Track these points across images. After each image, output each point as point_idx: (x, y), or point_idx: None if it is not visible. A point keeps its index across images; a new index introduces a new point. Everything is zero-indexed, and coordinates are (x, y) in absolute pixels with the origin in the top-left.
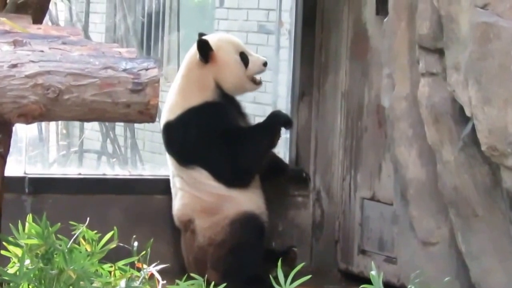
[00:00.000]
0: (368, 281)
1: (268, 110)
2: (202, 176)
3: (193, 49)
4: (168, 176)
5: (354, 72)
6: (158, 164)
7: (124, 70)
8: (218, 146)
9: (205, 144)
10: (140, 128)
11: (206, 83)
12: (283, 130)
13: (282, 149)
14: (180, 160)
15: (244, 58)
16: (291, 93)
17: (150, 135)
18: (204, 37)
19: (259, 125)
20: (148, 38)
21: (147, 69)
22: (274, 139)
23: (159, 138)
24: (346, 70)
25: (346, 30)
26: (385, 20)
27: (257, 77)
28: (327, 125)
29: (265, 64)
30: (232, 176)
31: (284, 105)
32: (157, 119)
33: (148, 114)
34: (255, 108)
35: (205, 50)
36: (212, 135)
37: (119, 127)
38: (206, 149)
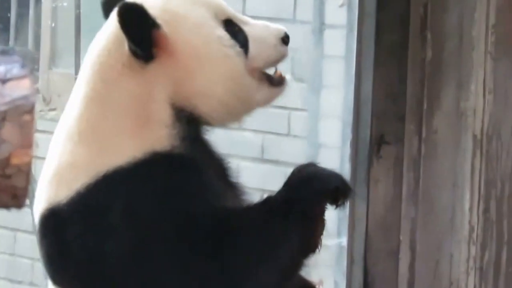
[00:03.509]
0: None
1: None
2: None
3: (110, 34)
4: None
5: (504, 88)
6: None
7: None
8: (181, 259)
9: (149, 256)
10: None
11: (151, 108)
12: (330, 210)
13: (331, 270)
14: None
15: (235, 31)
16: (353, 138)
17: (8, 239)
18: (131, 1)
19: (270, 201)
20: (4, 4)
21: (5, 81)
22: (306, 234)
23: (31, 245)
24: (485, 83)
25: None
26: None
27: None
28: (440, 211)
29: (285, 38)
30: None
31: (336, 164)
32: (27, 201)
33: (7, 187)
34: (267, 170)
35: (141, 31)
36: (169, 233)
37: None
38: (150, 267)
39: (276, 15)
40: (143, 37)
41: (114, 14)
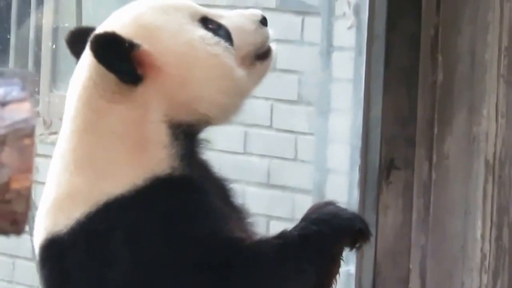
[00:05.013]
0: None
1: (301, 209)
2: None
3: (91, 65)
4: None
5: None
6: None
7: None
8: None
9: (153, 285)
10: None
11: (147, 131)
12: (346, 253)
13: None
14: None
15: (215, 28)
16: (362, 163)
17: (7, 266)
18: (102, 32)
19: (285, 235)
20: (4, 25)
21: (4, 104)
22: (320, 273)
23: (30, 272)
24: (497, 107)
25: (499, 11)
26: None
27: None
28: (451, 238)
29: (263, 20)
30: None
31: (344, 189)
32: (27, 227)
33: (7, 213)
34: (273, 196)
35: (120, 59)
36: (174, 262)
37: None
38: None
39: (283, 36)
40: (124, 64)
41: (90, 53)
